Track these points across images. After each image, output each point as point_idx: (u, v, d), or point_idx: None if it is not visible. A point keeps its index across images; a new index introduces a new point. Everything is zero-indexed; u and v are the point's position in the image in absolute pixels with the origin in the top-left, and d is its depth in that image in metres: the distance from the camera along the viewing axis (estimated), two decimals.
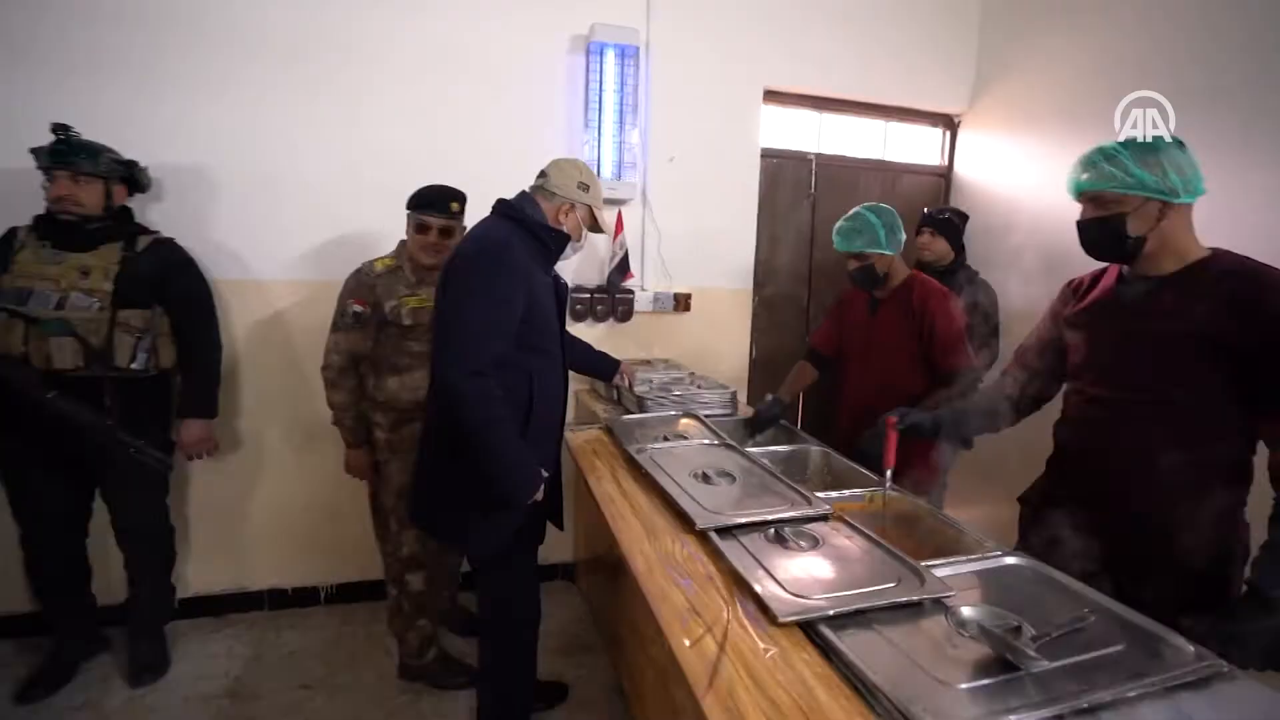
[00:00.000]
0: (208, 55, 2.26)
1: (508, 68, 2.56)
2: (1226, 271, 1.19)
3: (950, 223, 2.71)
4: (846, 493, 1.58)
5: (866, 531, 1.28)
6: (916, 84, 3.16)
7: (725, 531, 1.28)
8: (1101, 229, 1.26)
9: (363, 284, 2.01)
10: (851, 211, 2.02)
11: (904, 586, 1.07)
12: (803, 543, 1.25)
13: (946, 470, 2.79)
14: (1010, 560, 1.21)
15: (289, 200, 2.39)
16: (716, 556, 1.19)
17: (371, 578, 2.65)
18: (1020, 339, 2.54)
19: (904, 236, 1.97)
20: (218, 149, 2.30)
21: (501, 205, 1.69)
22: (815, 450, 1.94)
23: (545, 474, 1.59)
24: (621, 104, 2.67)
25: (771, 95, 2.99)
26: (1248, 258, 1.21)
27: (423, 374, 1.98)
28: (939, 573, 1.14)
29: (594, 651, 2.45)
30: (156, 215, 2.23)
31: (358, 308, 1.99)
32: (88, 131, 1.93)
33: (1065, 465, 1.46)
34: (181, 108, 2.24)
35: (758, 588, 1.05)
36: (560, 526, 1.87)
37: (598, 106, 2.64)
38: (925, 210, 2.81)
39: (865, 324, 2.10)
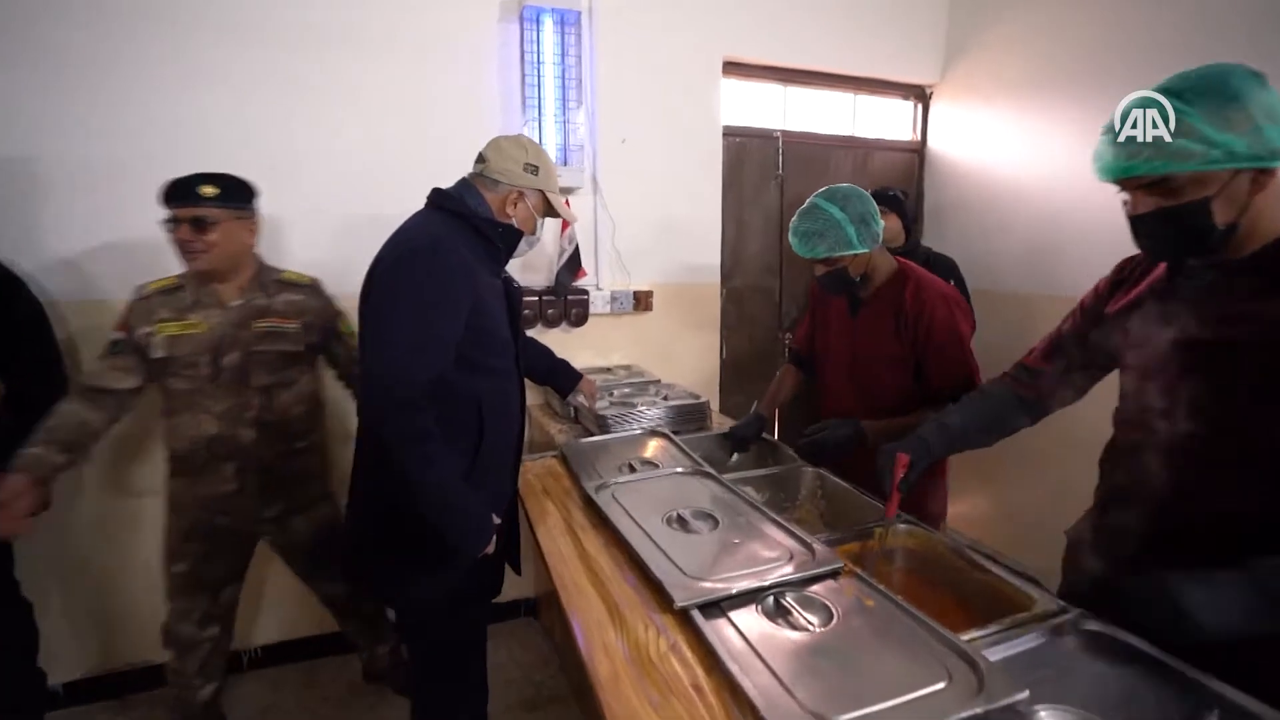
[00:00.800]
0: (29, 26, 1.83)
1: (428, 40, 2.20)
2: None
3: (898, 199, 2.54)
4: (845, 531, 1.30)
5: (889, 594, 1.01)
6: (885, 53, 2.92)
7: (712, 607, 0.99)
8: (1175, 225, 0.88)
9: (128, 306, 1.67)
10: (806, 204, 1.60)
11: (958, 687, 0.79)
12: (811, 617, 0.96)
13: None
14: (1074, 624, 0.95)
15: (145, 201, 1.98)
16: (704, 652, 0.90)
17: (302, 634, 2.32)
18: (995, 324, 2.30)
19: (881, 226, 1.60)
20: (45, 140, 1.87)
21: (437, 197, 1.40)
22: (807, 471, 1.66)
23: (497, 520, 1.33)
24: (564, 79, 2.34)
25: (732, 67, 2.70)
26: None
27: (189, 419, 1.66)
28: (994, 654, 0.87)
29: (563, 702, 2.16)
30: None
31: (116, 334, 1.64)
32: None
33: (1120, 512, 1.07)
34: None
35: (767, 712, 0.76)
36: (518, 570, 1.59)
37: (536, 82, 2.31)
38: (870, 190, 2.62)
39: (846, 328, 1.73)
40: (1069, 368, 1.19)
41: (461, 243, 1.31)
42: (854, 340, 1.71)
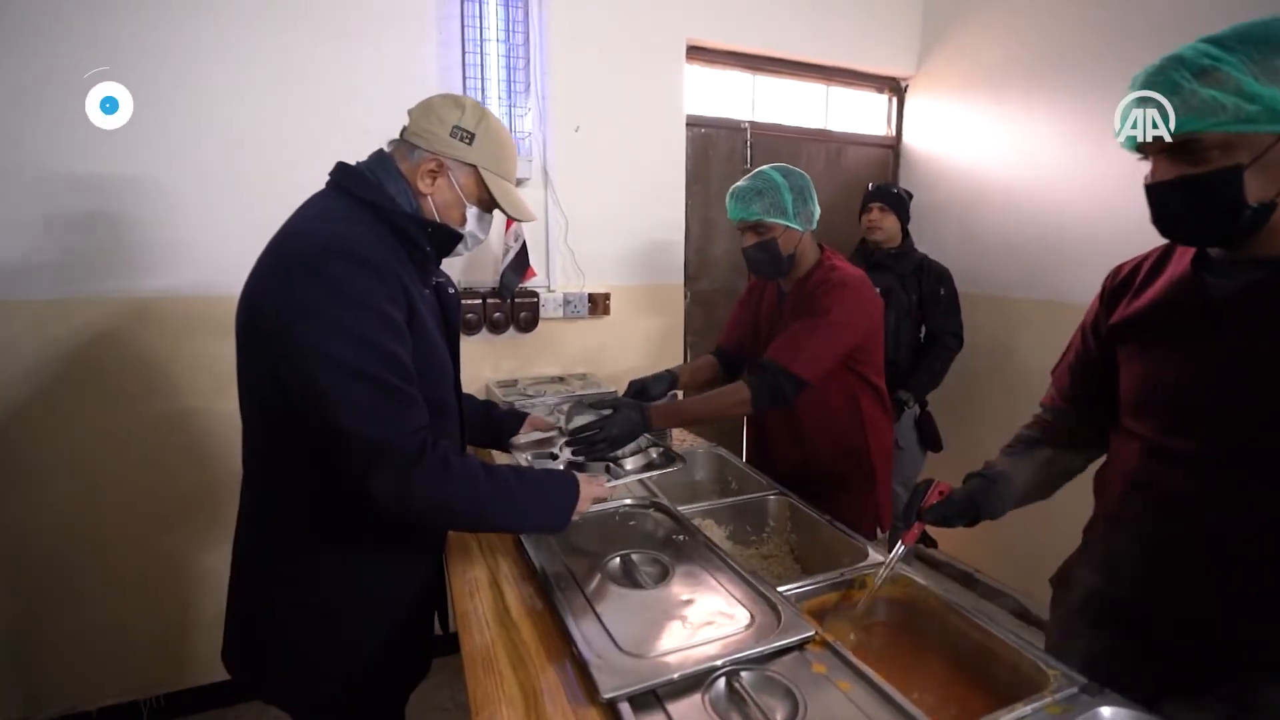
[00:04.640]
0: None
1: (351, 9, 1.96)
2: None
3: (900, 198, 2.38)
4: (821, 579, 1.11)
5: (868, 674, 0.82)
6: (859, 42, 2.76)
7: (649, 697, 0.79)
8: (1197, 198, 0.74)
9: None
10: (753, 171, 1.58)
11: None
12: (774, 709, 0.77)
13: (917, 474, 2.43)
14: (1104, 714, 0.77)
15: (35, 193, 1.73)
16: None
17: (212, 680, 2.06)
18: (977, 330, 2.13)
19: (818, 211, 1.55)
20: None
21: (342, 176, 1.03)
22: (772, 499, 1.47)
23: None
24: (509, 59, 2.13)
25: (696, 52, 2.51)
26: None
27: None
28: None
29: None
30: None
31: None
32: None
33: (1116, 547, 0.95)
34: None
35: None
36: (445, 628, 1.33)
37: (478, 62, 2.09)
38: (871, 185, 2.46)
39: (773, 329, 1.62)
40: (1098, 397, 1.01)
41: (380, 243, 0.96)
42: (773, 337, 1.58)
